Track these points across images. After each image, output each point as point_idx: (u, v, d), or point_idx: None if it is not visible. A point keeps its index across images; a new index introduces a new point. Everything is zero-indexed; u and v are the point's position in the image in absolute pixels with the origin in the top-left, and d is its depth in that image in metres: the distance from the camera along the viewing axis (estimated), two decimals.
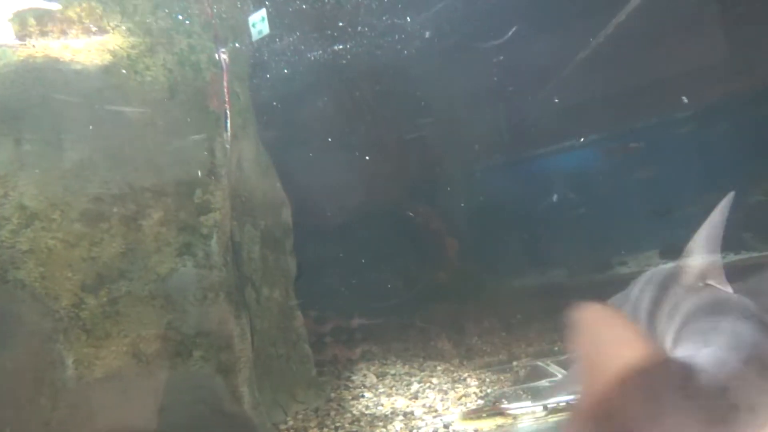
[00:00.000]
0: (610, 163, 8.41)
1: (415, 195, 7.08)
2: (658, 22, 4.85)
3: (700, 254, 2.17)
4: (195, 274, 3.27)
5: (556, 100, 6.76)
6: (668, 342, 1.92)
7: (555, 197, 7.77)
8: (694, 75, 6.13)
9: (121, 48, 3.24)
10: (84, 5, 3.21)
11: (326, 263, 6.55)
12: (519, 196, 7.73)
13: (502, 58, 5.26)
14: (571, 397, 3.42)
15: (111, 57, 3.20)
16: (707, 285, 2.05)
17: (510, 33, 5.37)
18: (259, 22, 4.75)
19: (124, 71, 3.21)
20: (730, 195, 2.16)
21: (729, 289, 1.97)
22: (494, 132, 6.84)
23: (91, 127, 3.12)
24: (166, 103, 3.34)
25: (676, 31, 5.21)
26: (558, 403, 3.39)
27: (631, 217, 7.94)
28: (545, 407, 3.36)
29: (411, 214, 7.32)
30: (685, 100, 6.35)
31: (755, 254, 6.71)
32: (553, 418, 3.26)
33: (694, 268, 2.14)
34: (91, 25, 3.22)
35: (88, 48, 3.17)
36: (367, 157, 6.02)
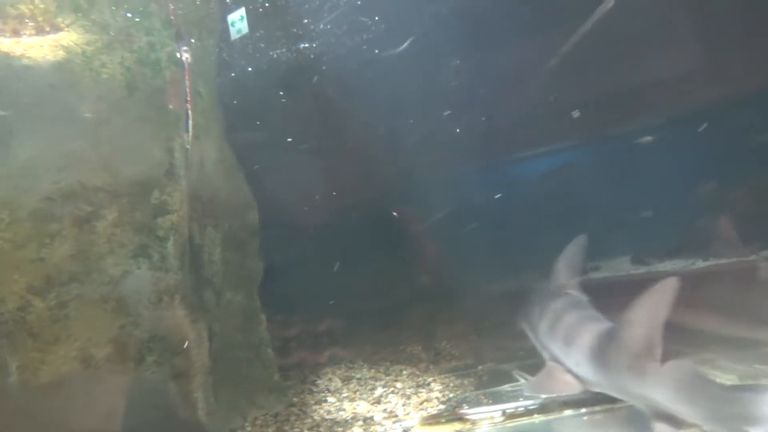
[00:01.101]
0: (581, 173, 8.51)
1: (386, 197, 7.07)
2: (625, 31, 4.93)
3: (563, 273, 3.87)
4: (150, 276, 3.20)
5: (530, 105, 6.82)
6: (545, 323, 3.59)
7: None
8: (664, 83, 6.24)
9: (76, 44, 3.15)
10: (37, 1, 3.12)
11: (295, 266, 6.48)
12: (491, 200, 7.77)
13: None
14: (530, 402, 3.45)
15: (65, 53, 3.11)
16: (566, 293, 3.73)
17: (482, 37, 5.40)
18: (238, 21, 4.70)
19: (78, 68, 3.12)
20: (582, 237, 3.93)
21: (580, 295, 3.66)
22: (467, 135, 6.85)
23: (42, 125, 3.04)
24: (123, 102, 3.26)
25: (643, 39, 5.29)
26: (516, 408, 3.40)
27: (603, 224, 8.03)
28: (503, 412, 3.37)
29: (395, 213, 7.34)
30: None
31: (723, 261, 6.84)
32: (511, 423, 3.26)
33: (558, 282, 3.83)
34: (44, 22, 3.13)
35: (41, 44, 3.08)
36: (336, 158, 5.99)
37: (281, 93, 5.20)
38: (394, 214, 7.49)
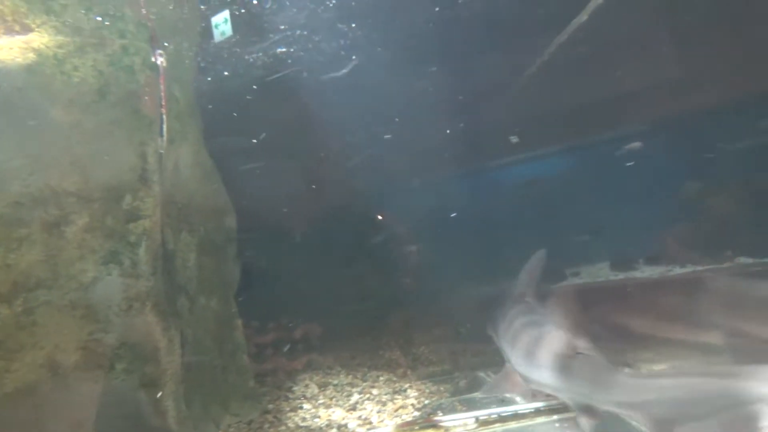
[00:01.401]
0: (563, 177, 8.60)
1: (365, 202, 7.07)
2: (602, 40, 4.99)
3: (524, 283, 4.30)
4: (120, 283, 3.15)
5: (508, 113, 6.89)
6: (503, 328, 3.93)
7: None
8: (638, 92, 6.33)
9: (47, 47, 3.11)
10: (6, 2, 3.07)
11: (275, 271, 6.44)
12: (471, 206, 7.80)
13: (434, 68, 5.33)
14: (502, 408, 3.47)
15: (35, 56, 3.06)
16: (525, 300, 4.07)
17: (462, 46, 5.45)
18: (221, 24, 4.66)
19: (49, 71, 3.08)
20: (541, 252, 4.61)
21: (535, 302, 3.96)
22: (445, 141, 6.89)
23: (11, 128, 2.98)
24: (95, 106, 3.21)
25: (618, 49, 5.36)
26: (489, 415, 3.42)
27: (584, 231, 8.11)
28: (477, 419, 3.38)
29: (380, 217, 7.33)
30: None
31: (699, 268, 6.95)
32: (484, 430, 3.28)
33: (520, 291, 4.24)
34: (14, 22, 3.08)
35: (10, 45, 3.03)
36: (314, 163, 5.98)
37: (258, 97, 5.18)
38: (379, 217, 7.51)
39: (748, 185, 6.72)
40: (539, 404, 3.47)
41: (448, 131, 6.71)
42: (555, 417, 3.32)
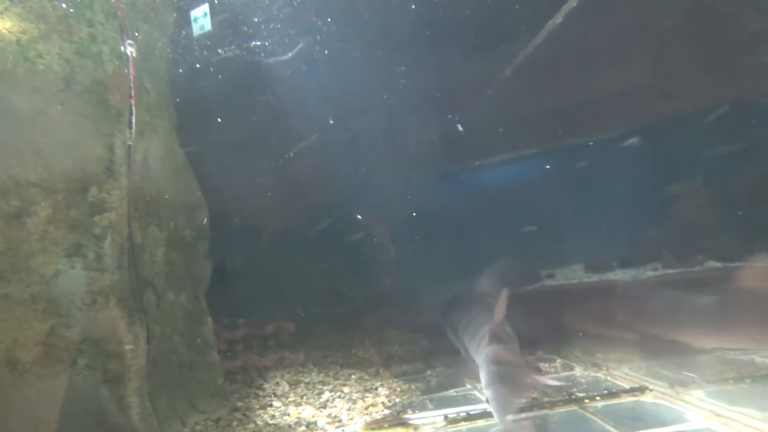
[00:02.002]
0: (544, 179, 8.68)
1: (338, 200, 7.04)
2: (575, 46, 5.05)
3: (484, 286, 4.89)
4: (84, 276, 3.08)
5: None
6: (466, 321, 4.39)
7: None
8: (612, 98, 6.43)
9: (9, 32, 3.01)
10: None
11: (250, 268, 6.38)
12: (448, 207, 7.84)
13: (404, 68, 5.33)
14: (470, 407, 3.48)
15: None
16: (486, 301, 4.62)
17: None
18: (201, 17, 4.58)
19: (11, 57, 2.99)
20: (509, 257, 5.59)
21: (490, 303, 4.28)
22: (423, 141, 6.89)
23: None
24: (61, 95, 3.13)
25: (592, 55, 5.44)
26: (458, 413, 3.42)
27: (559, 233, 8.21)
28: (446, 417, 3.38)
29: (359, 216, 7.30)
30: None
31: (671, 271, 7.09)
32: (453, 428, 3.28)
33: (480, 293, 4.79)
34: None
35: None
36: (287, 161, 5.93)
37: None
38: (359, 216, 7.48)
39: (718, 191, 6.88)
40: None
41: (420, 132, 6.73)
42: (523, 416, 3.34)
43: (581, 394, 3.60)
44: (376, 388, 4.36)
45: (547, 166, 8.22)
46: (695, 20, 4.94)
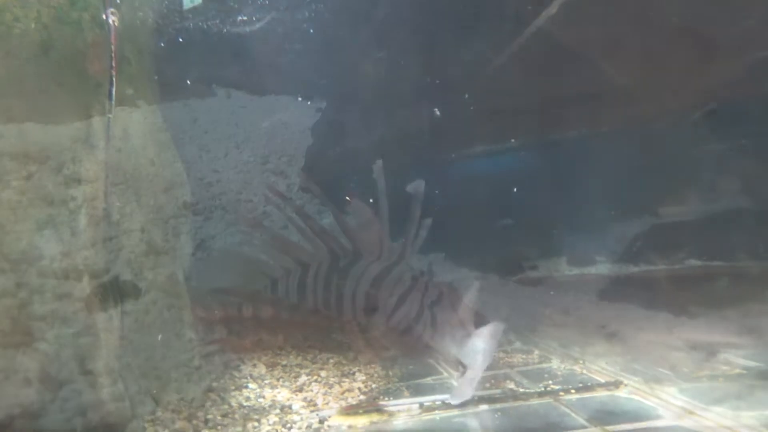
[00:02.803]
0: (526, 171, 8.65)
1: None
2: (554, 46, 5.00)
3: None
4: (57, 251, 3.00)
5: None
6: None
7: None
8: (592, 98, 6.43)
9: None
10: None
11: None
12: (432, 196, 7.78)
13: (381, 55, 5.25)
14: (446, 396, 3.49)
15: None
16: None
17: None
18: None
19: None
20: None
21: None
22: (408, 130, 6.84)
23: None
24: (37, 61, 3.03)
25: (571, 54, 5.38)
26: (433, 401, 3.42)
27: (542, 226, 8.20)
28: (421, 405, 3.38)
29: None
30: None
31: (652, 268, 7.17)
32: (427, 416, 3.28)
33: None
34: None
35: None
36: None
37: None
38: (347, 198, 7.40)
39: (701, 190, 6.94)
40: (482, 393, 3.51)
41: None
42: (498, 406, 3.35)
43: (556, 387, 3.63)
44: (354, 374, 4.35)
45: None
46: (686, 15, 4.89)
